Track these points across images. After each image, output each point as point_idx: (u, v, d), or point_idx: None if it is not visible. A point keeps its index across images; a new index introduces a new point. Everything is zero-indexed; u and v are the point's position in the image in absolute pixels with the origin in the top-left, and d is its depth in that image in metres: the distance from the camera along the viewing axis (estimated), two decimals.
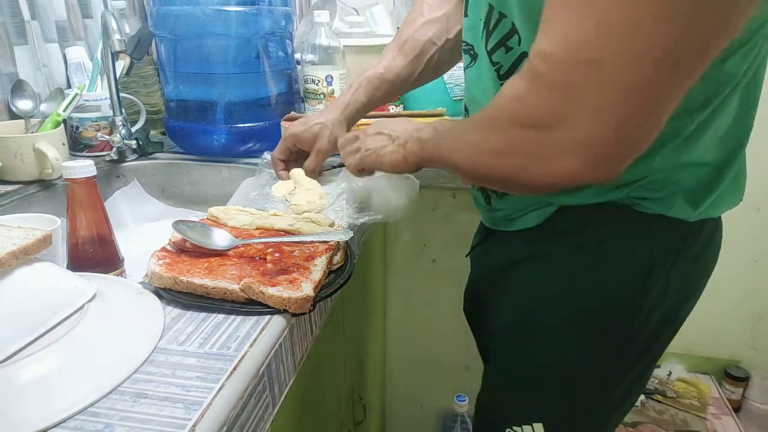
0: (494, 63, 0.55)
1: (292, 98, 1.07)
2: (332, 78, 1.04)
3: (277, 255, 0.55)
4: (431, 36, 0.75)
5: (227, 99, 0.95)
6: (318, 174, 0.80)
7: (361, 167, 0.67)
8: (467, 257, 0.75)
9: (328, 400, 0.81)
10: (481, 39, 0.56)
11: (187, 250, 0.56)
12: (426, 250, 1.09)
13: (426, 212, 1.04)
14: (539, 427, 0.62)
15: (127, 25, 1.08)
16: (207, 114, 0.96)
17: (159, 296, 0.50)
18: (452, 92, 1.08)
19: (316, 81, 1.04)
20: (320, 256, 0.55)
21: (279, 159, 0.82)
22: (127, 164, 0.99)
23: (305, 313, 0.49)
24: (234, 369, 0.41)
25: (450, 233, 1.05)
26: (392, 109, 1.12)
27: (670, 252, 0.54)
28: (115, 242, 0.57)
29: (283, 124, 0.94)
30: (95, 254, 0.55)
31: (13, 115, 0.91)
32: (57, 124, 0.88)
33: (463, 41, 0.62)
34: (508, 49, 0.52)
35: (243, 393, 0.40)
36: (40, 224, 0.58)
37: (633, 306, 0.56)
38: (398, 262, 1.13)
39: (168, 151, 1.05)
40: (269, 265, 0.53)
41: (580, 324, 0.58)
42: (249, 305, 0.48)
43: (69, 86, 1.03)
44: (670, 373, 1.54)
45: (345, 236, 0.59)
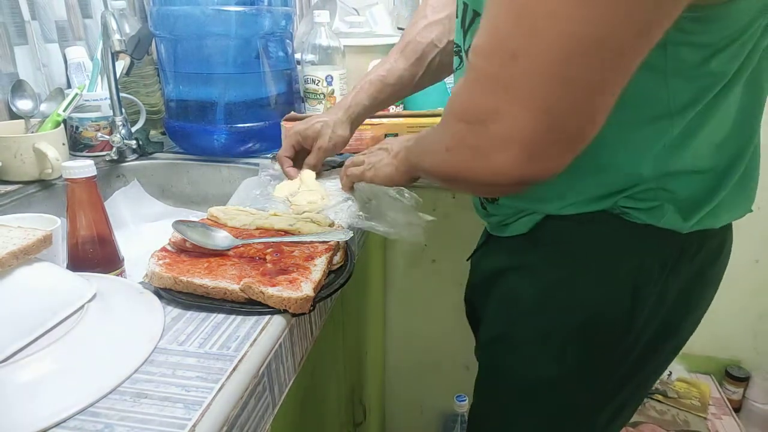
0: None
1: (292, 98, 1.07)
2: (332, 78, 1.04)
3: (277, 255, 0.55)
4: (433, 38, 0.75)
5: (227, 99, 0.95)
6: (318, 171, 0.81)
7: (360, 181, 0.69)
8: (468, 261, 0.75)
9: (328, 401, 0.81)
10: (460, 39, 0.56)
11: (187, 250, 0.56)
12: (426, 251, 1.09)
13: (426, 212, 1.04)
14: None
15: (127, 25, 1.08)
16: (207, 114, 0.96)
17: (159, 296, 0.50)
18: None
19: (316, 81, 1.04)
20: (320, 256, 0.55)
21: (285, 156, 0.82)
22: (127, 164, 0.99)
23: (305, 313, 0.49)
24: (234, 369, 0.41)
25: (450, 233, 1.05)
26: (392, 110, 1.11)
27: (665, 263, 0.52)
28: (115, 242, 0.57)
29: (283, 124, 0.94)
30: (95, 254, 0.55)
31: (13, 115, 0.91)
32: (57, 124, 0.88)
33: (454, 43, 0.61)
34: None
35: (243, 393, 0.40)
36: (40, 224, 0.58)
37: (621, 321, 0.53)
38: (398, 262, 1.13)
39: (168, 151, 1.05)
40: (269, 265, 0.53)
41: (558, 341, 0.56)
42: (249, 305, 0.48)
43: (69, 86, 1.03)
44: (671, 373, 1.54)
45: (345, 236, 0.59)
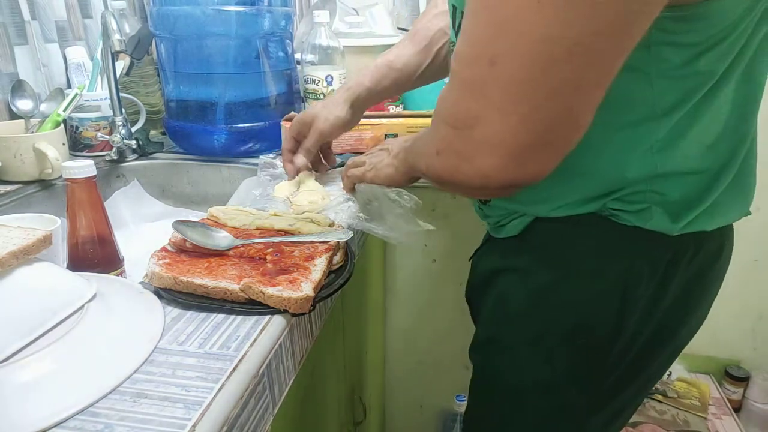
0: None
1: (292, 98, 1.07)
2: (332, 78, 1.04)
3: (277, 255, 0.55)
4: (442, 26, 0.73)
5: (227, 99, 0.95)
6: (310, 157, 0.79)
7: (361, 182, 0.68)
8: (470, 261, 0.75)
9: (328, 400, 0.81)
10: (454, 39, 0.56)
11: (187, 250, 0.56)
12: (426, 250, 1.09)
13: (425, 212, 1.04)
14: None
15: (127, 25, 1.08)
16: (207, 114, 0.96)
17: (159, 296, 0.50)
18: None
19: (316, 81, 1.04)
20: (320, 256, 0.55)
21: (287, 150, 0.81)
22: (127, 164, 0.99)
23: (305, 313, 0.49)
24: (234, 369, 0.41)
25: (450, 233, 1.05)
26: (392, 109, 1.12)
27: (657, 266, 0.51)
28: (115, 242, 0.57)
29: (283, 124, 0.94)
30: (95, 254, 0.55)
31: (13, 115, 0.91)
32: (57, 124, 0.88)
33: (450, 42, 0.61)
34: None
35: (243, 393, 0.40)
36: (40, 224, 0.58)
37: (612, 324, 0.53)
38: (398, 262, 1.12)
39: (168, 151, 1.05)
40: (269, 265, 0.53)
41: (548, 344, 0.55)
42: (249, 305, 0.48)
43: (69, 86, 1.03)
44: (671, 373, 1.54)
45: (345, 236, 0.59)
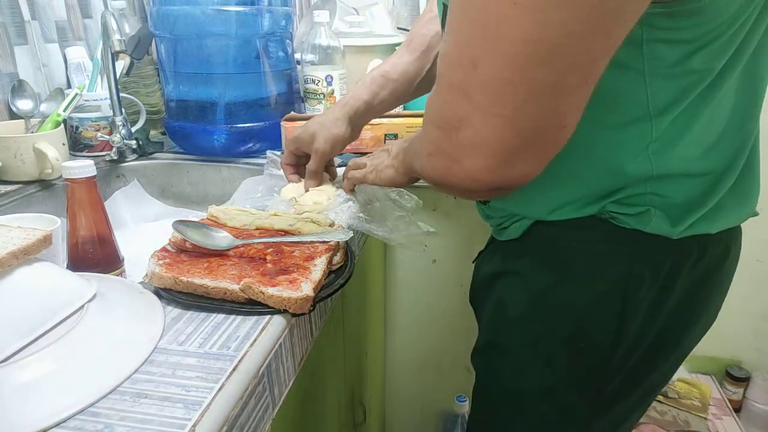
0: None
1: (292, 98, 1.07)
2: (332, 78, 1.04)
3: (277, 255, 0.55)
4: (439, 30, 0.72)
5: (227, 99, 0.95)
6: (321, 177, 0.77)
7: (362, 183, 0.68)
8: (473, 263, 0.74)
9: (328, 401, 0.81)
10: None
11: (187, 250, 0.56)
12: (426, 251, 1.09)
13: (426, 212, 1.04)
14: None
15: (127, 25, 1.08)
16: (207, 114, 0.96)
17: (159, 296, 0.50)
18: None
19: (316, 81, 1.04)
20: (320, 256, 0.55)
21: (287, 164, 0.78)
22: (127, 164, 0.99)
23: (305, 314, 0.49)
24: (234, 369, 0.41)
25: (451, 234, 1.05)
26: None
27: (658, 270, 0.50)
28: (115, 242, 0.57)
29: (283, 124, 0.94)
30: (95, 254, 0.55)
31: (13, 115, 0.91)
32: (57, 124, 0.88)
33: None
34: None
35: (243, 393, 0.40)
36: (40, 224, 0.58)
37: (612, 328, 0.52)
38: (398, 262, 1.12)
39: (168, 151, 1.05)
40: (269, 265, 0.53)
41: (547, 349, 0.55)
42: (249, 305, 0.48)
43: (69, 86, 1.03)
44: None
45: (345, 236, 0.59)
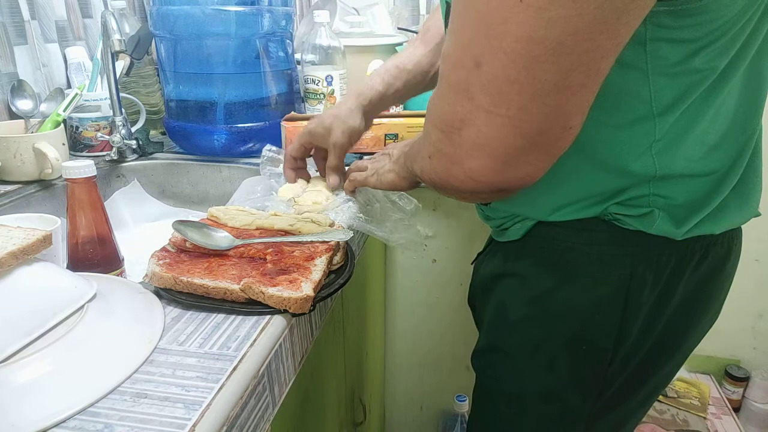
0: None
1: (293, 98, 1.07)
2: (332, 78, 1.04)
3: (278, 255, 0.55)
4: None
5: (227, 99, 0.95)
6: (341, 172, 0.75)
7: (364, 186, 0.68)
8: (472, 264, 0.74)
9: (328, 401, 0.81)
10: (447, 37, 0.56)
11: (187, 250, 0.56)
12: (427, 250, 1.09)
13: (426, 212, 1.04)
14: None
15: (127, 25, 1.08)
16: (207, 114, 0.96)
17: (159, 296, 0.50)
18: None
19: (317, 81, 1.04)
20: (320, 256, 0.55)
21: (293, 156, 0.76)
22: (127, 164, 0.99)
23: (305, 314, 0.49)
24: (234, 369, 0.41)
25: (451, 233, 1.05)
26: (393, 109, 1.11)
27: (661, 271, 0.50)
28: (115, 242, 0.57)
29: (283, 124, 0.94)
30: (95, 254, 0.55)
31: (13, 115, 0.91)
32: (57, 124, 0.88)
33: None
34: None
35: (243, 393, 0.40)
36: (40, 224, 0.58)
37: (614, 332, 0.52)
38: (399, 262, 1.13)
39: (168, 151, 1.05)
40: (269, 265, 0.53)
41: (549, 351, 0.55)
42: (249, 305, 0.48)
43: (69, 86, 1.03)
44: None
45: (345, 236, 0.59)
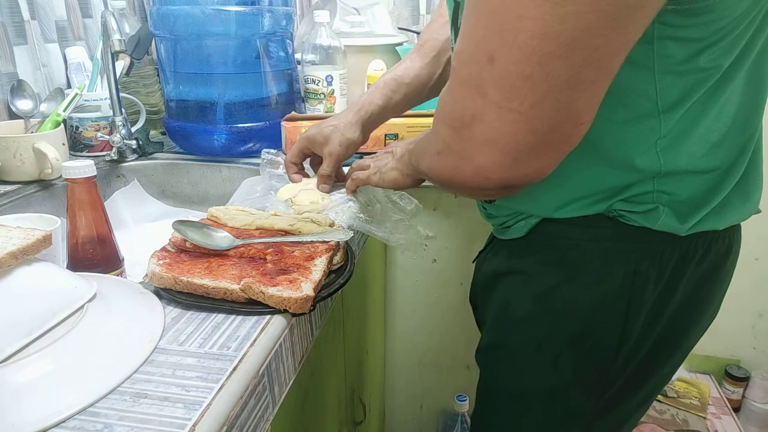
0: None
1: (293, 98, 1.07)
2: (332, 78, 1.04)
3: (278, 255, 0.55)
4: (450, 35, 0.71)
5: (227, 99, 0.95)
6: (331, 182, 0.75)
7: (366, 185, 0.68)
8: (473, 263, 0.74)
9: (328, 400, 0.81)
10: (453, 37, 0.56)
11: (187, 250, 0.56)
12: (427, 250, 1.09)
13: (427, 213, 1.04)
14: None
15: (127, 25, 1.08)
16: (207, 114, 0.96)
17: (159, 296, 0.50)
18: None
19: (317, 81, 1.04)
20: (320, 256, 0.55)
21: (292, 162, 0.77)
22: (127, 164, 0.99)
23: (305, 313, 0.49)
24: (234, 369, 0.41)
25: (451, 233, 1.05)
26: None
27: (664, 268, 0.50)
28: (115, 242, 0.57)
29: (283, 124, 0.94)
30: (95, 254, 0.55)
31: (13, 115, 0.91)
32: (57, 124, 0.88)
33: (451, 39, 0.60)
34: None
35: (243, 393, 0.40)
36: (40, 224, 0.58)
37: (618, 328, 0.52)
38: (399, 262, 1.13)
39: (168, 151, 1.05)
40: (269, 265, 0.53)
41: (553, 349, 0.55)
42: (249, 305, 0.48)
43: (69, 86, 1.03)
44: None
45: (345, 236, 0.59)
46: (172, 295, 0.49)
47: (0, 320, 0.40)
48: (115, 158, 0.98)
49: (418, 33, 1.24)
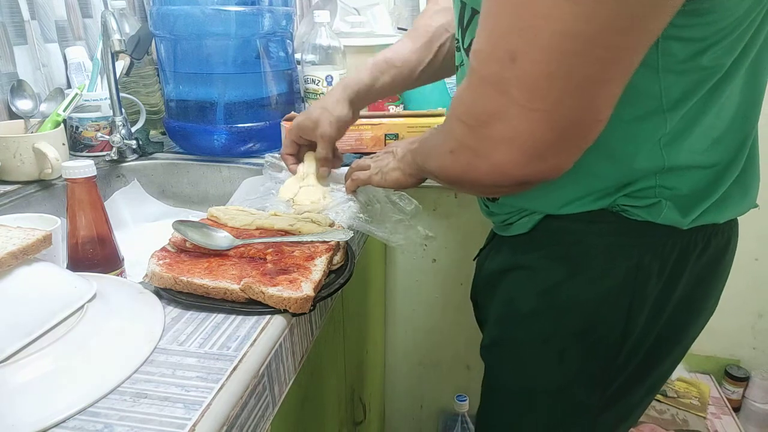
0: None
1: (293, 98, 1.07)
2: (332, 78, 1.04)
3: (278, 255, 0.55)
4: (444, 23, 0.72)
5: (227, 99, 0.95)
6: (329, 162, 0.76)
7: (367, 185, 0.68)
8: (474, 261, 0.74)
9: (328, 400, 0.81)
10: (459, 36, 0.56)
11: (187, 250, 0.56)
12: (427, 250, 1.09)
13: (427, 213, 1.04)
14: None
15: (127, 25, 1.08)
16: (207, 114, 0.96)
17: (159, 296, 0.50)
18: (453, 92, 1.08)
19: (317, 81, 1.04)
20: (320, 256, 0.55)
21: (287, 154, 0.78)
22: (127, 164, 0.99)
23: (305, 313, 0.49)
24: (234, 369, 0.41)
25: (451, 233, 1.05)
26: (392, 109, 1.12)
27: (666, 262, 0.51)
28: (115, 242, 0.57)
29: (283, 124, 0.94)
30: (95, 254, 0.55)
31: (13, 115, 0.91)
32: (57, 124, 0.88)
33: (455, 38, 0.60)
34: None
35: (243, 393, 0.40)
36: (40, 224, 0.58)
37: (622, 322, 0.53)
38: (399, 262, 1.13)
39: (168, 151, 1.05)
40: (269, 265, 0.53)
41: (558, 344, 0.55)
42: (249, 305, 0.48)
43: (69, 86, 1.03)
44: None
45: (345, 236, 0.59)
46: (172, 295, 0.49)
47: (0, 320, 0.40)
48: (115, 158, 0.98)
49: None
